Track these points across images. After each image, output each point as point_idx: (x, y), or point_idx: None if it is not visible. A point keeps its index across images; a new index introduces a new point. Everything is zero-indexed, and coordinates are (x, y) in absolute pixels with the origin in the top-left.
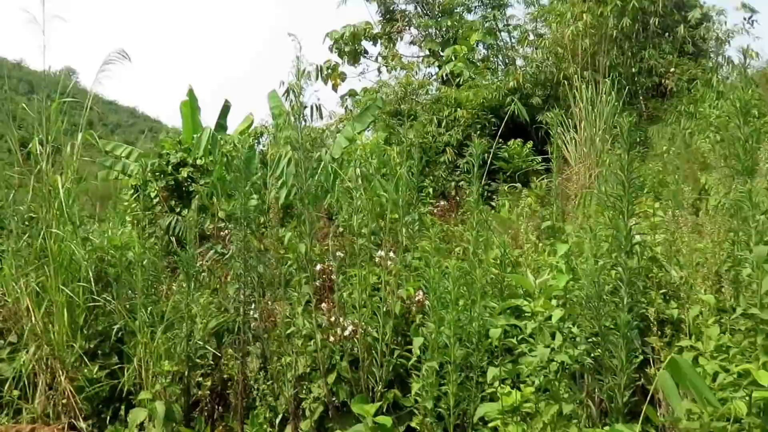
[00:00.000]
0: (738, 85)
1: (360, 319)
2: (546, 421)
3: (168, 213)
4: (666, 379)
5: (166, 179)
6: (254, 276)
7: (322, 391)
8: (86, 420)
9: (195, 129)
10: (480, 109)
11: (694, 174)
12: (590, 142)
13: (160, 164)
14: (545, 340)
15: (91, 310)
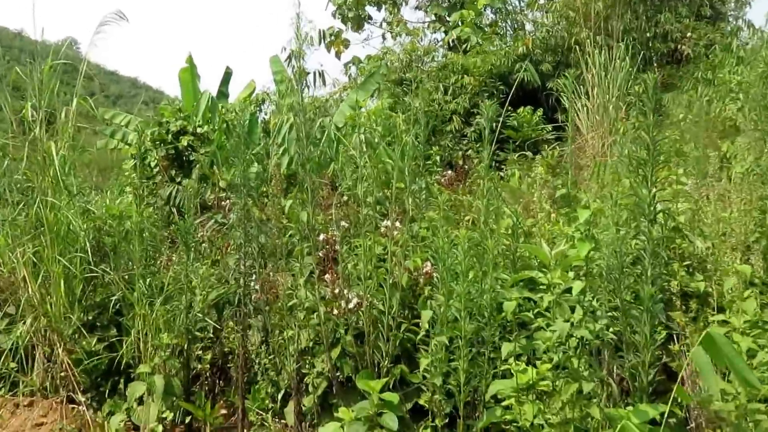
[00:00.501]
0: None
1: (365, 291)
2: (565, 400)
3: (168, 183)
4: (700, 356)
5: (165, 148)
6: (255, 246)
7: (326, 366)
8: (85, 393)
9: (195, 97)
10: (488, 76)
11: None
12: (603, 109)
13: (159, 133)
14: (564, 314)
15: (89, 281)
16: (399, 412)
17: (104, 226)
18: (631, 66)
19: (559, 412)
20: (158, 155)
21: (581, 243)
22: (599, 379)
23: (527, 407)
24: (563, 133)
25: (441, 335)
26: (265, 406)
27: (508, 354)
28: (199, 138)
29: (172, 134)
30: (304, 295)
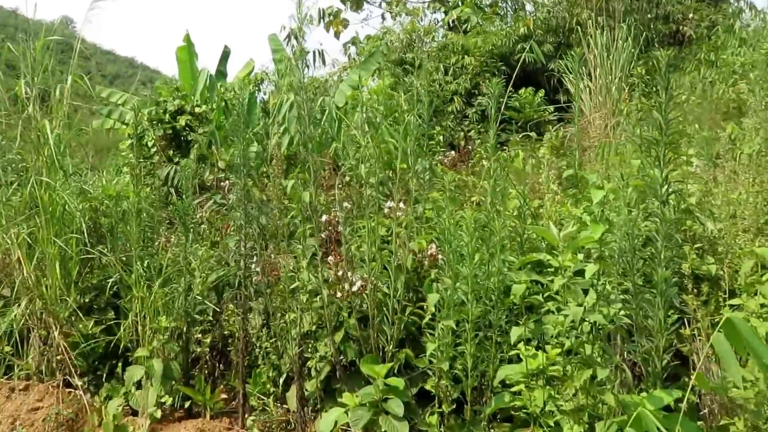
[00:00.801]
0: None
1: (369, 273)
2: (578, 386)
3: (166, 163)
4: (721, 341)
5: (163, 128)
6: (256, 228)
7: (329, 350)
8: (82, 377)
9: (193, 76)
10: (489, 57)
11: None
12: (606, 90)
13: (157, 112)
14: (577, 297)
15: (85, 263)
16: (405, 397)
17: (101, 207)
18: (633, 47)
19: (572, 398)
20: (156, 135)
21: (594, 225)
22: (613, 365)
23: (537, 393)
24: (565, 114)
25: (448, 319)
26: (266, 390)
27: (517, 338)
28: (197, 118)
29: (169, 114)
30: (306, 278)
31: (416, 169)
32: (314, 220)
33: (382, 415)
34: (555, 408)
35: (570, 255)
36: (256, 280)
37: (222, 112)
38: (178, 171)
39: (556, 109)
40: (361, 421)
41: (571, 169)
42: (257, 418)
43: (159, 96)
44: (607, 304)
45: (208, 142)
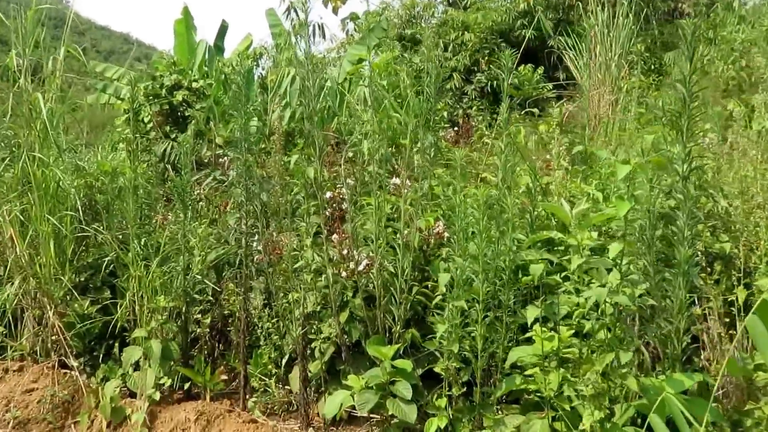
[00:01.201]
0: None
1: (377, 252)
2: (599, 370)
3: (163, 139)
4: (756, 324)
5: (159, 103)
6: (257, 205)
7: (333, 331)
8: (78, 358)
9: (190, 50)
10: (489, 33)
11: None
12: (605, 67)
13: (153, 87)
14: (601, 277)
15: (81, 241)
16: (412, 380)
17: (96, 184)
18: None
19: (593, 383)
20: (152, 111)
21: (620, 201)
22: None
23: (552, 376)
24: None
25: (459, 299)
26: (267, 371)
27: (533, 319)
28: (195, 93)
29: (166, 89)
30: (310, 256)
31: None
32: (319, 196)
33: (390, 399)
34: (572, 392)
35: (587, 233)
36: (257, 258)
37: (221, 86)
38: (175, 147)
39: (555, 86)
40: (367, 404)
41: (580, 145)
42: (259, 400)
43: (156, 71)
44: (631, 284)
45: (206, 118)
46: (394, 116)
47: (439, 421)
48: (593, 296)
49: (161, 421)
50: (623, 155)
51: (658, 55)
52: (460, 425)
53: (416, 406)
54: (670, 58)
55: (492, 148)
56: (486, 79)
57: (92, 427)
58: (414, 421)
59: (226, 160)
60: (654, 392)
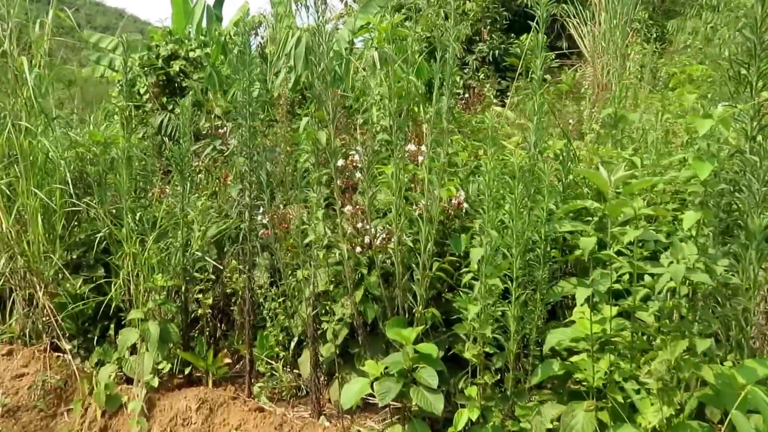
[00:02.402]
0: None
1: (396, 224)
2: (669, 359)
3: (160, 111)
4: None
5: (156, 74)
6: (262, 174)
7: (347, 311)
8: (71, 340)
9: (187, 19)
10: (491, 2)
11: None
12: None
13: (149, 57)
14: (678, 253)
15: (71, 216)
16: (438, 366)
17: (87, 155)
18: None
19: (661, 376)
20: (148, 81)
21: (699, 163)
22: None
23: (603, 363)
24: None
25: (493, 277)
26: (274, 354)
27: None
28: (192, 63)
29: (162, 59)
30: (322, 230)
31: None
32: (332, 163)
33: (413, 387)
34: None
35: (641, 202)
36: (262, 233)
37: (221, 49)
38: (173, 119)
39: (557, 55)
40: (389, 393)
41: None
42: (265, 385)
43: (151, 40)
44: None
45: (203, 88)
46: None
47: (470, 412)
48: (668, 274)
49: (160, 409)
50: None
51: (659, 23)
52: (491, 416)
53: (443, 395)
54: (673, 26)
55: (504, 115)
56: (488, 49)
57: (86, 416)
58: (441, 412)
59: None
60: (724, 382)
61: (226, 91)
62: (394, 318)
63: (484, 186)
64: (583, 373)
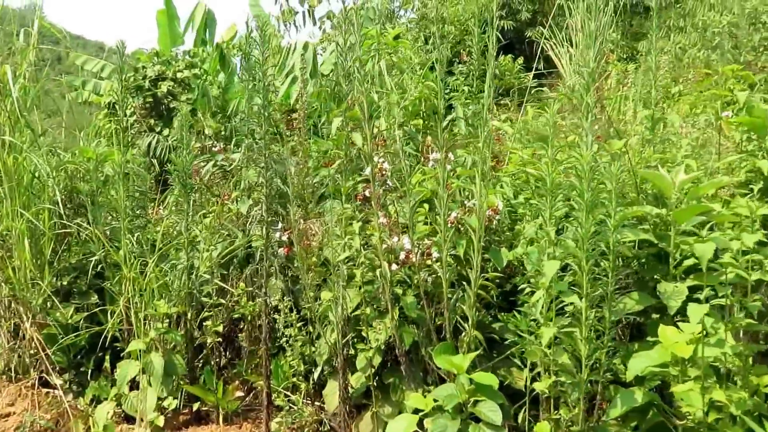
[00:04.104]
0: None
1: (444, 238)
2: None
3: (147, 133)
4: None
5: (143, 95)
6: (282, 185)
7: (381, 336)
8: (62, 374)
9: (174, 40)
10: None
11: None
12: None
13: (135, 79)
14: None
15: (61, 239)
16: (498, 398)
17: (78, 173)
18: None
19: None
20: (135, 103)
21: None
22: None
23: (717, 393)
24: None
25: (569, 294)
26: (291, 384)
27: (699, 319)
28: (180, 84)
29: (149, 80)
30: (359, 245)
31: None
32: (371, 168)
33: (473, 425)
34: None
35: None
36: (281, 251)
37: (220, 60)
38: (161, 141)
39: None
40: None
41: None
42: (284, 421)
43: (138, 62)
44: None
45: (192, 109)
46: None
47: None
48: None
49: None
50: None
51: (630, 45)
52: None
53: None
54: (643, 47)
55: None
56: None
57: None
58: None
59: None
60: None
61: (216, 113)
62: (442, 344)
63: (543, 192)
64: (690, 407)
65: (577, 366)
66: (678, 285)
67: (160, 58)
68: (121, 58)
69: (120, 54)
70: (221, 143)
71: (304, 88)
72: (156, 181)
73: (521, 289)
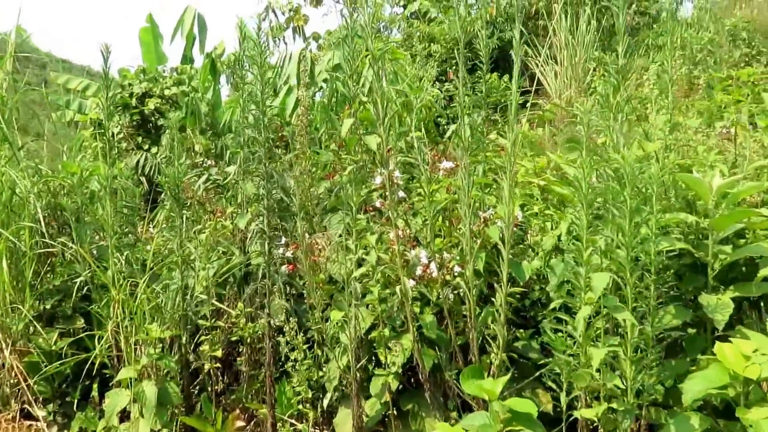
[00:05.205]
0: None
1: (470, 251)
2: None
3: (135, 150)
4: None
5: (129, 113)
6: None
7: (398, 359)
8: (45, 405)
9: (158, 59)
10: (455, 44)
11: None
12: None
13: (122, 96)
14: None
15: (44, 260)
16: (537, 427)
17: (62, 190)
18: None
19: None
20: (122, 121)
21: None
22: None
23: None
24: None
25: (620, 311)
26: (296, 412)
27: None
28: (168, 101)
29: (136, 97)
30: (374, 260)
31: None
32: (387, 175)
33: None
34: None
35: None
36: (283, 269)
37: (211, 69)
38: (149, 158)
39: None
40: None
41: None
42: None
43: (124, 79)
44: None
45: (181, 126)
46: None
47: None
48: None
49: None
50: None
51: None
52: None
53: None
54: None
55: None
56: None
57: None
58: None
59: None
60: None
61: (206, 130)
62: (470, 367)
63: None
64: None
65: (623, 389)
66: (720, 297)
67: (146, 76)
68: (105, 62)
69: (104, 58)
70: (211, 160)
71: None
72: (145, 201)
73: (541, 303)
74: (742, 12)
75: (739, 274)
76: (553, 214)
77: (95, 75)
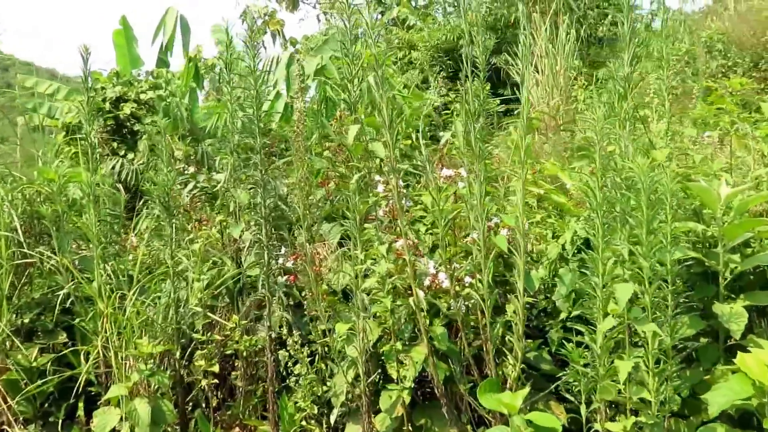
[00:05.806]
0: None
1: (484, 260)
2: None
3: (110, 156)
4: None
5: (104, 117)
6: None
7: (410, 372)
8: (27, 425)
9: (133, 62)
10: (435, 51)
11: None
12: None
13: (95, 101)
14: None
15: (21, 271)
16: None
17: (39, 197)
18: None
19: None
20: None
21: None
22: None
23: None
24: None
25: (645, 322)
26: (300, 429)
27: None
28: (144, 105)
29: (110, 101)
30: (384, 270)
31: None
32: (394, 181)
33: None
34: None
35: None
36: (282, 280)
37: (194, 73)
38: (126, 165)
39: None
40: None
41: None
42: None
43: (96, 82)
44: None
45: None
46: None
47: None
48: None
49: None
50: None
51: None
52: None
53: None
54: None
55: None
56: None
57: None
58: None
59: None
60: None
61: (185, 136)
62: (487, 380)
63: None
64: None
65: (648, 402)
66: (733, 306)
67: (120, 79)
68: (85, 64)
69: (84, 61)
70: (193, 167)
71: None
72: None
73: (546, 313)
74: (715, 24)
75: (746, 283)
76: (554, 222)
77: (61, 78)
